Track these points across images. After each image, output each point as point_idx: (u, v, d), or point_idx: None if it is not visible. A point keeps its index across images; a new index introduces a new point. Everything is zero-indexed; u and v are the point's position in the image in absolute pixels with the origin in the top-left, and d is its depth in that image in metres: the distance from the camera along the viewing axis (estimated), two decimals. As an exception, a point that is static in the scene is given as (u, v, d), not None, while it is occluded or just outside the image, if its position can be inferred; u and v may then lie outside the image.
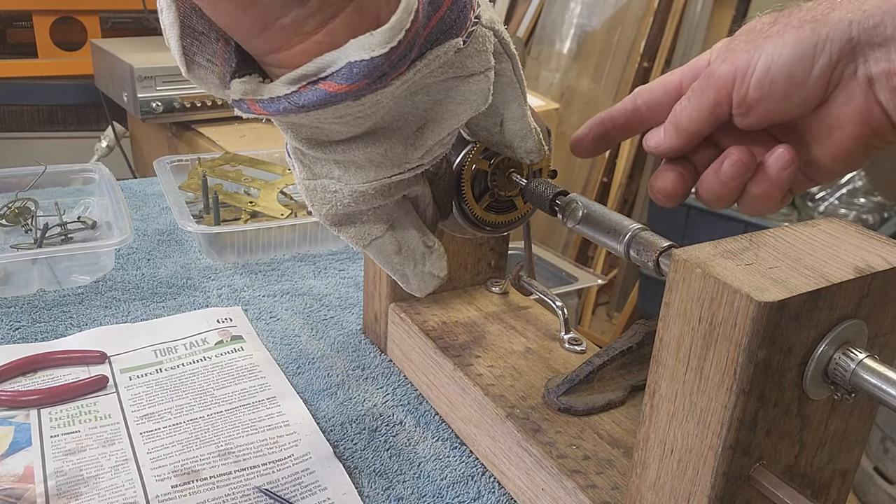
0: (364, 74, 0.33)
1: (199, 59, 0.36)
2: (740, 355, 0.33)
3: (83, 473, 0.52)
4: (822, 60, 0.42)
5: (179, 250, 0.87)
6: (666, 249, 0.41)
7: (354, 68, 0.33)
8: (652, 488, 0.39)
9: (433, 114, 0.40)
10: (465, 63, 0.39)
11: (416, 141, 0.41)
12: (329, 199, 0.42)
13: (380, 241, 0.45)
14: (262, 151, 1.03)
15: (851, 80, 0.42)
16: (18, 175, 0.92)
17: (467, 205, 0.50)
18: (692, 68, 0.50)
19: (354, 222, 0.44)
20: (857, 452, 0.41)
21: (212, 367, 0.65)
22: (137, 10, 2.14)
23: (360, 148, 0.39)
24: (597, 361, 0.53)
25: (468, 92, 0.40)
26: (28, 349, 0.65)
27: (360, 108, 0.35)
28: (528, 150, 0.48)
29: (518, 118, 0.46)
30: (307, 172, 0.42)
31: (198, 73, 0.36)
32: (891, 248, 0.37)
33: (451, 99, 0.40)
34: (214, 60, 0.36)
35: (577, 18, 2.55)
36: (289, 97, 0.34)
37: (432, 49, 0.36)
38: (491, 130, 0.47)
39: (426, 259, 0.47)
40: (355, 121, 0.37)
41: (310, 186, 0.42)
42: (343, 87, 0.33)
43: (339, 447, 0.56)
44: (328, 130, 0.38)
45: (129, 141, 2.08)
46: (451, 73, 0.39)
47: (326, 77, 0.33)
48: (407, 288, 0.48)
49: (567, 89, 2.54)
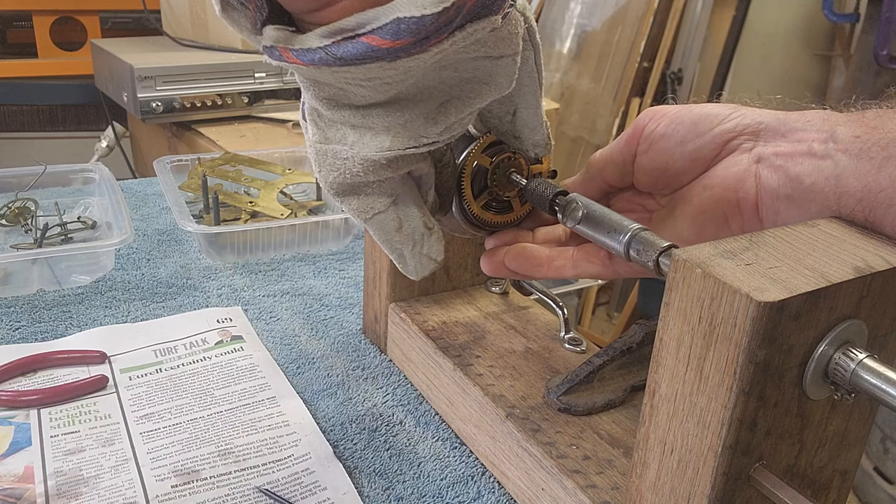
0: (411, 32, 0.33)
1: (234, 2, 0.36)
2: (740, 355, 0.33)
3: (83, 473, 0.52)
4: (728, 125, 0.45)
5: (179, 250, 0.87)
6: (666, 249, 0.41)
7: (402, 24, 0.33)
8: (652, 488, 0.39)
9: (458, 91, 0.41)
10: (496, 43, 0.39)
11: (437, 116, 0.41)
12: (338, 165, 0.42)
13: (382, 216, 0.45)
14: (262, 151, 1.03)
15: (744, 153, 0.45)
16: (18, 175, 0.92)
17: (465, 200, 0.50)
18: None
19: (359, 193, 0.44)
20: (857, 452, 0.41)
21: (212, 367, 0.65)
22: (137, 10, 2.14)
23: (380, 115, 0.39)
24: (597, 361, 0.53)
25: (495, 73, 0.41)
26: (28, 349, 0.65)
27: (392, 73, 0.35)
28: (536, 143, 0.49)
29: (532, 108, 0.47)
30: (320, 135, 0.42)
31: (231, 14, 0.36)
32: (891, 248, 0.37)
33: (477, 78, 0.41)
34: (248, 4, 0.36)
35: (577, 18, 2.55)
36: (326, 48, 0.34)
37: (472, 23, 0.36)
38: (502, 119, 0.47)
39: (425, 240, 0.47)
40: (382, 86, 0.37)
41: (321, 150, 0.42)
42: (387, 42, 0.33)
43: (339, 447, 0.56)
44: (352, 93, 0.38)
45: (129, 141, 2.08)
46: (483, 51, 0.39)
47: (368, 32, 0.33)
48: (403, 269, 0.48)
49: (567, 89, 2.54)
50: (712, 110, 0.46)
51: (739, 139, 0.45)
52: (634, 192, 0.51)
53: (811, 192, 0.41)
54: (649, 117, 0.48)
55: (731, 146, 0.45)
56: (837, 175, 0.40)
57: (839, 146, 0.40)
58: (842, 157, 0.40)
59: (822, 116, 0.43)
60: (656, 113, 0.47)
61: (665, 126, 0.47)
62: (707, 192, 0.45)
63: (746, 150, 0.44)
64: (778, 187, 0.42)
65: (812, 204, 0.41)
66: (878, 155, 0.39)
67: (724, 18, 2.41)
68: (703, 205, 0.45)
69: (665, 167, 0.47)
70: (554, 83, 2.57)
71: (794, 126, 0.43)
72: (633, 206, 0.51)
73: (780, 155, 0.43)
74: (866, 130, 0.40)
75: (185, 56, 1.74)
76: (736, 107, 0.46)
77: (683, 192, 0.47)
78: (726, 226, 0.45)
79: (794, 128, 0.43)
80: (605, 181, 0.51)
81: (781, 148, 0.43)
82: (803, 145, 0.42)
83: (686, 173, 0.47)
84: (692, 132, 0.46)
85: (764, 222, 0.44)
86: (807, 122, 0.43)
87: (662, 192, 0.49)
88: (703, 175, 0.46)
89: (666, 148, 0.46)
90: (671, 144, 0.46)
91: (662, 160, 0.47)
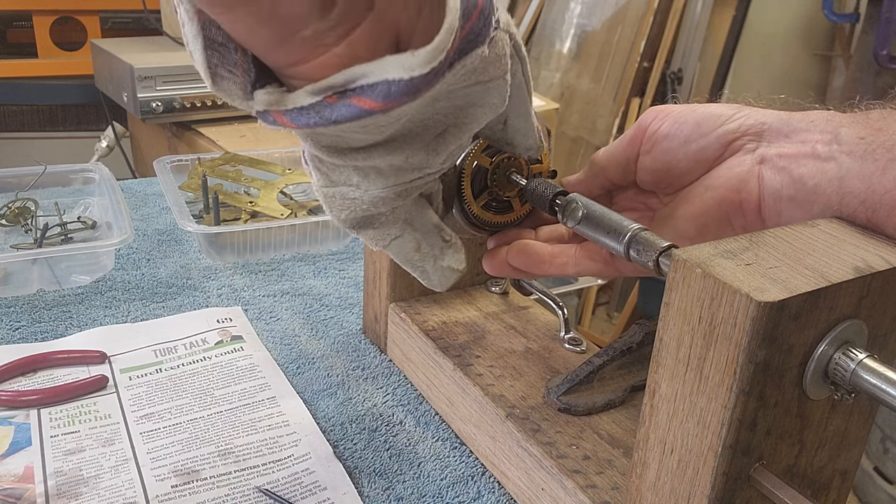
0: (402, 93, 0.32)
1: (222, 72, 0.35)
2: (740, 355, 0.33)
3: (83, 473, 0.52)
4: (732, 126, 0.45)
5: (179, 250, 0.87)
6: (666, 249, 0.41)
7: (392, 87, 0.32)
8: (652, 488, 0.39)
9: (453, 118, 0.41)
10: (486, 69, 0.39)
11: (437, 146, 0.41)
12: (348, 205, 0.42)
13: (399, 241, 0.45)
14: (262, 151, 1.03)
15: (747, 154, 0.45)
16: (18, 175, 0.92)
17: (465, 201, 0.50)
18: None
19: (373, 224, 0.44)
20: (857, 452, 0.41)
21: (212, 367, 0.65)
22: (137, 10, 2.14)
23: (381, 155, 0.39)
24: (597, 361, 0.53)
25: (488, 96, 0.40)
26: (28, 349, 0.65)
27: (387, 119, 0.35)
28: (528, 147, 0.49)
29: (523, 117, 0.47)
30: (325, 180, 0.42)
31: (222, 85, 0.36)
32: (891, 248, 0.37)
33: (471, 104, 0.40)
34: (235, 71, 0.35)
35: (577, 18, 2.55)
36: (319, 112, 0.34)
37: (460, 59, 0.35)
38: (494, 128, 0.47)
39: (444, 253, 0.47)
40: (378, 129, 0.37)
41: (328, 194, 0.42)
42: (378, 104, 0.33)
43: (339, 447, 0.56)
44: (349, 138, 0.38)
45: (129, 141, 2.08)
46: (474, 79, 0.39)
47: (357, 90, 0.33)
48: (428, 284, 0.48)
49: (567, 89, 2.54)
50: (716, 110, 0.46)
51: (743, 139, 0.45)
52: (637, 191, 0.51)
53: (814, 193, 0.41)
54: (652, 117, 0.48)
55: (735, 146, 0.45)
56: (841, 177, 0.40)
57: (843, 147, 0.40)
58: (846, 158, 0.40)
59: (826, 117, 0.42)
60: (660, 112, 0.47)
61: (668, 126, 0.46)
62: (710, 192, 0.45)
63: (750, 150, 0.44)
64: (781, 189, 0.42)
65: (815, 205, 0.41)
66: (883, 157, 0.39)
67: (724, 18, 2.41)
68: (705, 205, 0.45)
69: (668, 167, 0.47)
70: (554, 83, 2.57)
71: (797, 127, 0.43)
72: (636, 203, 0.51)
73: (783, 156, 0.43)
74: (871, 132, 0.40)
75: (186, 56, 1.70)
76: (739, 107, 0.46)
77: (686, 191, 0.47)
78: (729, 225, 0.45)
79: (798, 128, 0.43)
80: (607, 179, 0.51)
81: (785, 149, 0.43)
82: (807, 146, 0.42)
83: (689, 173, 0.47)
84: (696, 132, 0.46)
85: (766, 222, 0.44)
86: (810, 122, 0.43)
87: (665, 192, 0.49)
88: (705, 175, 0.46)
89: (669, 148, 0.46)
90: (674, 144, 0.46)
91: (665, 160, 0.47)
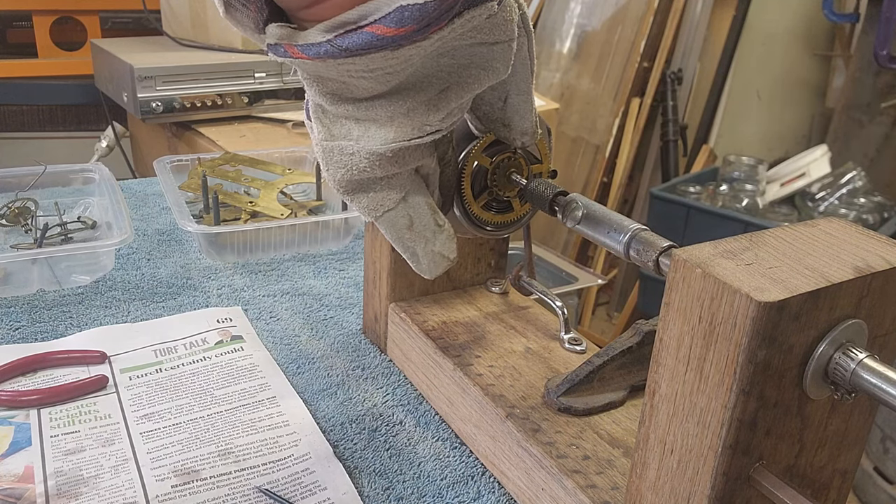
0: (414, 19, 0.34)
1: (235, 3, 0.37)
2: (740, 355, 0.33)
3: (83, 473, 0.52)
4: None
5: (179, 250, 0.87)
6: (666, 249, 0.41)
7: (406, 12, 0.34)
8: (652, 488, 0.39)
9: (456, 77, 0.42)
10: (492, 30, 0.40)
11: (438, 103, 0.42)
12: (345, 162, 0.43)
13: (392, 214, 0.46)
14: (262, 151, 1.03)
15: None
16: (18, 175, 0.92)
17: (465, 200, 0.50)
18: None
19: (368, 190, 0.45)
20: (857, 452, 0.41)
21: (212, 367, 0.65)
22: (137, 10, 2.14)
23: (383, 105, 0.40)
24: (597, 361, 0.53)
25: (492, 59, 0.42)
26: (28, 349, 0.65)
27: (394, 63, 0.36)
28: (524, 131, 0.49)
29: (524, 95, 0.47)
30: (326, 133, 0.43)
31: (234, 14, 0.38)
32: (891, 248, 0.37)
33: (474, 64, 0.42)
34: (248, 5, 0.37)
35: (577, 18, 2.55)
36: (331, 40, 0.35)
37: (469, 10, 0.37)
38: (493, 105, 0.48)
39: (436, 237, 0.47)
40: (384, 76, 0.38)
41: (327, 148, 0.43)
42: (391, 30, 0.34)
43: (339, 447, 0.56)
44: (355, 86, 0.39)
45: (129, 141, 2.08)
46: (479, 38, 0.40)
47: (371, 23, 0.34)
48: (417, 268, 0.48)
49: (567, 89, 2.54)
50: None
51: None
52: None
53: None
54: None
55: None
56: None
57: None
58: None
59: None
60: None
61: None
62: None
63: None
64: None
65: None
66: None
67: (724, 18, 2.41)
68: None
69: None
70: (554, 83, 2.57)
71: None
72: None
73: None
74: None
75: (185, 56, 1.74)
76: None
77: None
78: None
79: None
80: None
81: None
82: None
83: None
84: None
85: None
86: None
87: None
88: None
89: None
90: None
91: None
